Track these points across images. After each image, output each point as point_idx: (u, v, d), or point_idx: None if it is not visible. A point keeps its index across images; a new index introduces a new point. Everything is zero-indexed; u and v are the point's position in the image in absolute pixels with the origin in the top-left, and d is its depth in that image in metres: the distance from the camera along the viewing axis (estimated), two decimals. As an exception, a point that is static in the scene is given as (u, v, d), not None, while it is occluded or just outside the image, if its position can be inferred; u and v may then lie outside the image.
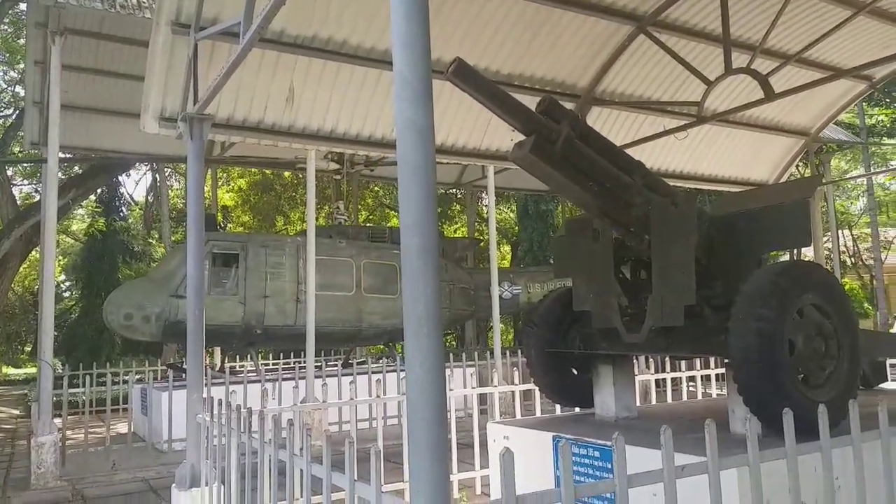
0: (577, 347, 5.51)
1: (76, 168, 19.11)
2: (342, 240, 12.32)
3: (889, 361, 6.71)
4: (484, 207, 28.64)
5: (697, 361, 7.73)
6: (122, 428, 10.19)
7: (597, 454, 4.51)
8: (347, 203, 13.97)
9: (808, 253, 17.39)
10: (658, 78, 8.07)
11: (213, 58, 5.74)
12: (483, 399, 8.75)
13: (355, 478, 2.55)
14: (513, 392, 7.11)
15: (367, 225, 22.41)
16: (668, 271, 4.52)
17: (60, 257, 28.91)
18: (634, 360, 5.94)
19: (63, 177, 17.16)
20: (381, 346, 17.20)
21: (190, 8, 5.42)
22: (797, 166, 12.38)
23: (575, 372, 5.69)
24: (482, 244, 16.43)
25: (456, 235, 22.84)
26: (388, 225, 26.42)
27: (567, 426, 5.11)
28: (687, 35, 7.54)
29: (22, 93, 21.07)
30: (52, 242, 8.06)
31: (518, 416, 6.93)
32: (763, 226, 4.43)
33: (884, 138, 24.20)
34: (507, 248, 32.71)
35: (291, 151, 12.71)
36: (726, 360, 4.52)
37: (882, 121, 24.32)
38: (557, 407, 6.27)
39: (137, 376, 11.54)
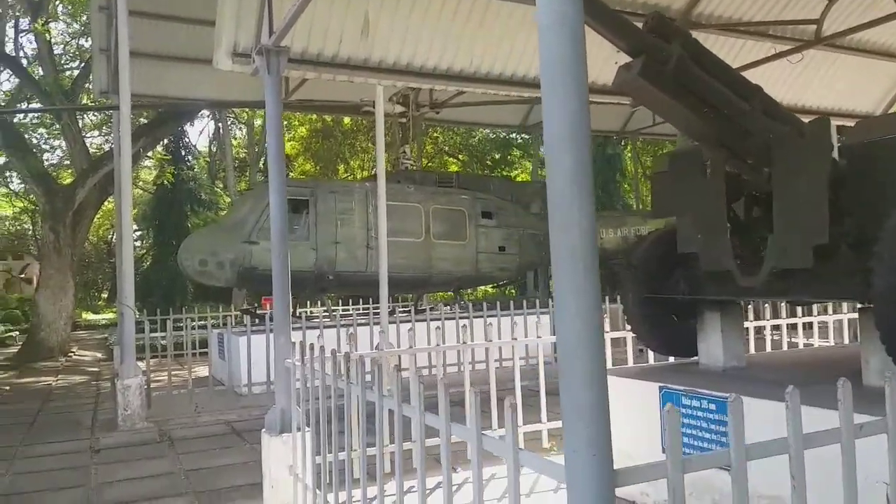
0: (680, 292, 5.13)
1: (141, 119, 19.33)
2: (410, 185, 12.07)
3: None
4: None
5: (799, 309, 7.21)
6: (202, 372, 10.37)
7: (713, 407, 4.18)
8: (412, 148, 13.66)
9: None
10: (758, -3, 7.31)
11: (287, -15, 5.42)
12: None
13: (467, 425, 2.30)
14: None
15: (434, 170, 22.07)
16: (794, 208, 4.07)
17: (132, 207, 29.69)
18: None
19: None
20: (449, 293, 17.08)
21: (263, -69, 5.07)
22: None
23: (675, 318, 5.33)
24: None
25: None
26: (454, 170, 26.08)
27: (672, 376, 4.80)
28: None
29: (86, 45, 21.33)
30: (128, 188, 8.06)
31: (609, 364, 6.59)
32: (916, 154, 3.89)
33: None
34: (570, 194, 31.99)
35: (356, 94, 12.43)
36: (860, 305, 4.08)
37: None
38: (651, 355, 5.93)
39: (213, 321, 11.74)
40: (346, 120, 27.39)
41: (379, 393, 3.21)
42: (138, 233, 32.11)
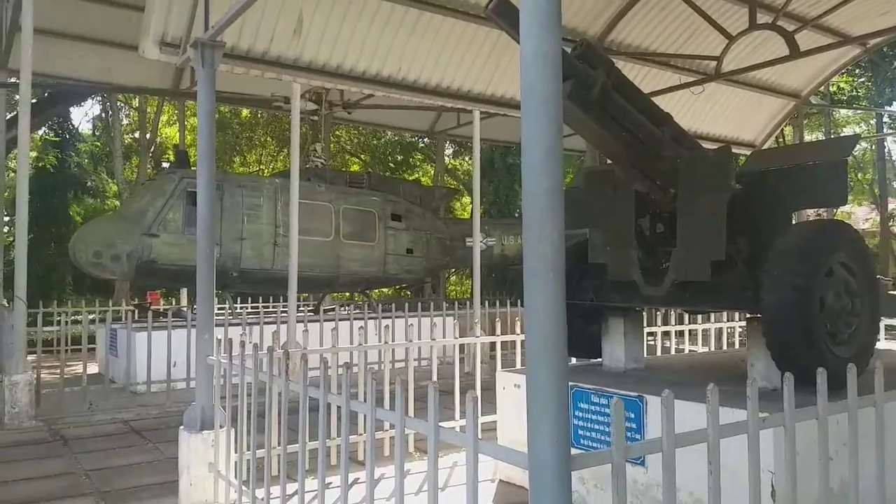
0: (588, 299, 5.52)
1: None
2: (321, 183, 12.02)
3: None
4: (446, 158, 28.48)
5: (686, 317, 7.89)
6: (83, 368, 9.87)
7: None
8: (323, 146, 13.60)
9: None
10: (667, 30, 7.95)
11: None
12: (461, 347, 8.80)
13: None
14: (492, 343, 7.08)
15: (345, 170, 21.90)
16: (695, 226, 4.51)
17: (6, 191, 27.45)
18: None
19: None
20: (349, 294, 17.04)
21: (201, -77, 5.01)
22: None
23: (582, 323, 5.71)
24: (461, 194, 16.21)
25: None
26: (355, 170, 25.99)
27: (580, 376, 5.16)
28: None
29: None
30: (25, 173, 7.60)
31: (499, 366, 6.93)
32: (799, 184, 4.45)
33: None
34: (467, 200, 32.69)
35: (267, 87, 12.24)
36: (749, 315, 4.60)
37: (842, 88, 24.92)
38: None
39: (92, 316, 11.22)
40: (245, 112, 26.68)
41: (324, 390, 3.32)
42: (7, 219, 29.71)
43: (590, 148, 6.67)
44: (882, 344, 7.32)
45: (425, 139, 26.65)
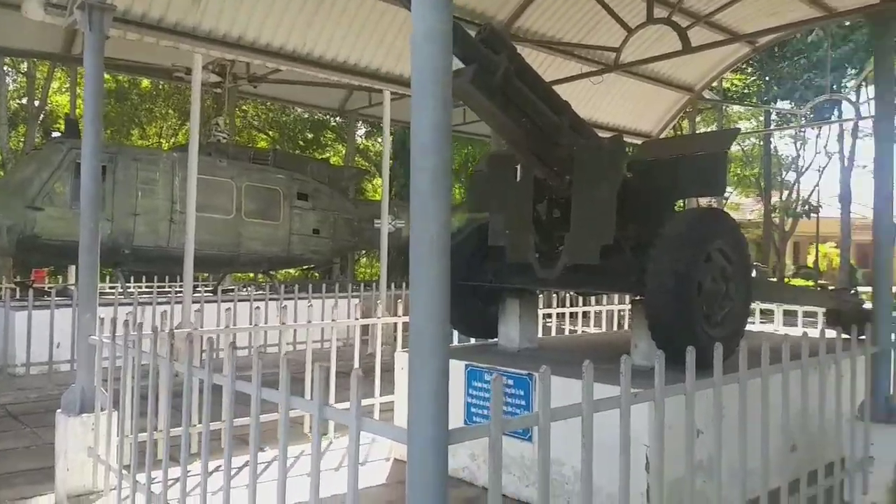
0: (488, 281, 5.63)
1: None
2: (223, 159, 11.60)
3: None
4: (358, 138, 28.13)
5: (580, 299, 8.19)
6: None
7: (510, 382, 4.71)
8: (226, 120, 13.11)
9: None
10: (572, 20, 8.13)
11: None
12: (364, 330, 8.77)
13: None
14: (395, 324, 7.10)
15: (250, 146, 21.15)
16: (587, 211, 4.68)
17: None
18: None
19: None
20: (253, 275, 16.60)
21: None
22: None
23: (481, 304, 5.82)
24: (373, 175, 16.05)
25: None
26: (263, 146, 25.20)
27: (475, 355, 5.26)
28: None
29: None
30: None
31: (399, 347, 6.95)
32: (682, 174, 4.68)
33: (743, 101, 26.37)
34: (379, 181, 32.38)
35: (167, 57, 11.65)
36: (635, 298, 4.82)
37: (736, 85, 26.36)
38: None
39: None
40: (145, 82, 25.36)
41: (207, 369, 3.23)
42: None
43: (495, 133, 6.78)
44: (757, 326, 7.88)
45: (337, 118, 26.20)
